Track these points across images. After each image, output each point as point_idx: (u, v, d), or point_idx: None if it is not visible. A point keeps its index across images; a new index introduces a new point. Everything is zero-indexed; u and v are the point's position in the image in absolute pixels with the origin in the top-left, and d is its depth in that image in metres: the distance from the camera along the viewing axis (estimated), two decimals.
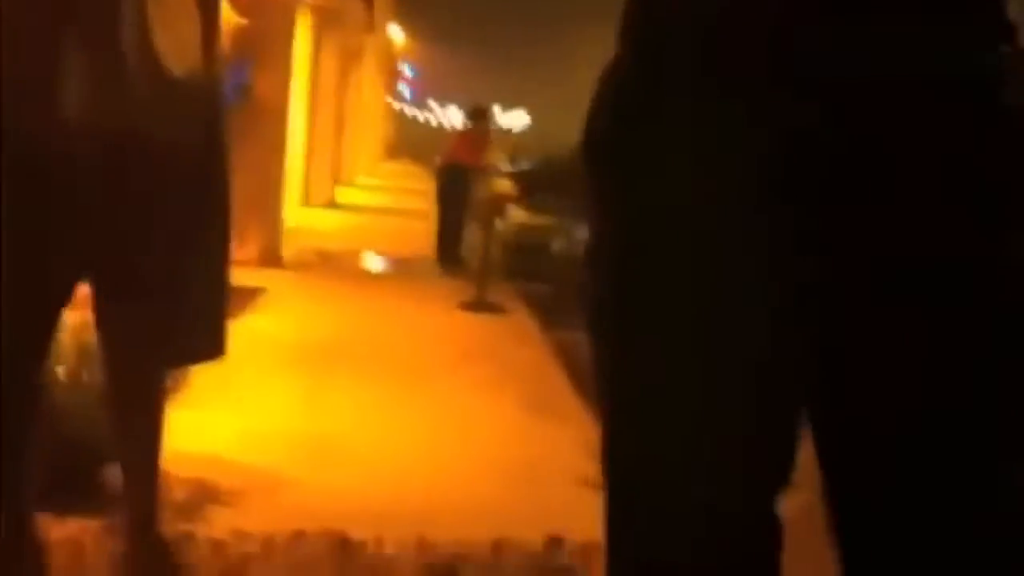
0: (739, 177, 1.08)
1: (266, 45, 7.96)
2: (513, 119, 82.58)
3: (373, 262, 10.44)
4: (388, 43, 29.59)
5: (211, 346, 2.34)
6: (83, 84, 2.12)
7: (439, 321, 7.17)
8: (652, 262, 1.13)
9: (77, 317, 2.64)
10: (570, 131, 1.34)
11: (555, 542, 2.92)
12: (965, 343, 1.05)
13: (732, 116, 1.08)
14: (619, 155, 1.15)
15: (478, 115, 11.24)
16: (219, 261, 2.35)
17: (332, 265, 9.52)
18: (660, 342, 1.13)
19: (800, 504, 1.27)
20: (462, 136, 11.12)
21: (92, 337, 3.07)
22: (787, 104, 1.06)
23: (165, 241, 2.24)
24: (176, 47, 2.21)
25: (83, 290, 2.32)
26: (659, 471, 1.14)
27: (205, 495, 3.17)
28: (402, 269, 10.05)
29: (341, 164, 17.84)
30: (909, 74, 1.05)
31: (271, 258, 8.17)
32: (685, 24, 1.11)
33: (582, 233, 9.81)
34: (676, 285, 1.11)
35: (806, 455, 1.17)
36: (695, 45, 1.10)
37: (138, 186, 2.21)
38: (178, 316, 2.28)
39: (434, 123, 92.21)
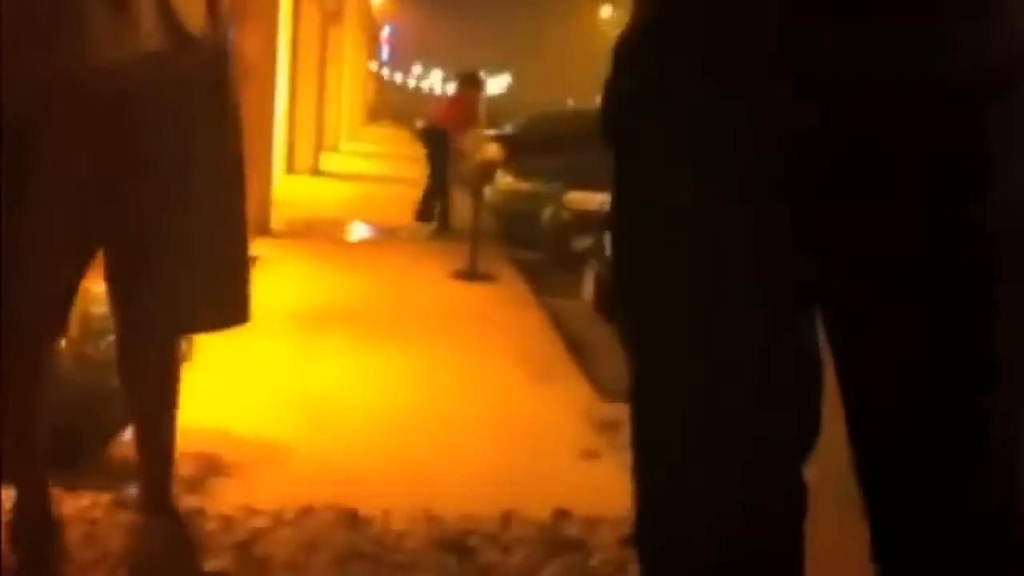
0: (739, 176, 1.10)
1: (249, 5, 7.86)
2: (497, 83, 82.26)
3: (362, 231, 10.41)
4: (368, 4, 29.36)
5: (235, 312, 2.33)
6: (100, 38, 2.10)
7: (433, 289, 7.17)
8: (653, 256, 1.15)
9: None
10: (547, 93, 1.33)
11: (562, 514, 2.93)
12: (964, 336, 1.07)
13: (733, 115, 1.09)
14: (626, 144, 1.17)
15: (470, 82, 11.21)
16: (237, 223, 2.33)
17: (321, 234, 9.48)
18: (666, 333, 1.15)
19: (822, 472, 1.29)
20: (452, 102, 11.08)
21: (96, 308, 3.07)
22: (788, 104, 1.07)
23: (181, 204, 2.23)
24: (185, 5, 2.19)
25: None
26: (686, 439, 1.15)
27: (210, 469, 3.17)
28: (391, 238, 10.03)
29: (324, 129, 17.72)
30: (909, 75, 1.05)
31: (260, 227, 8.14)
32: (689, 22, 1.12)
33: (571, 199, 9.79)
34: (675, 278, 1.13)
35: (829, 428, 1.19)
36: (697, 43, 1.11)
37: (154, 147, 2.19)
38: (199, 280, 2.26)
39: (412, 86, 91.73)
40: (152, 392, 2.38)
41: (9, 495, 2.47)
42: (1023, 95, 1.07)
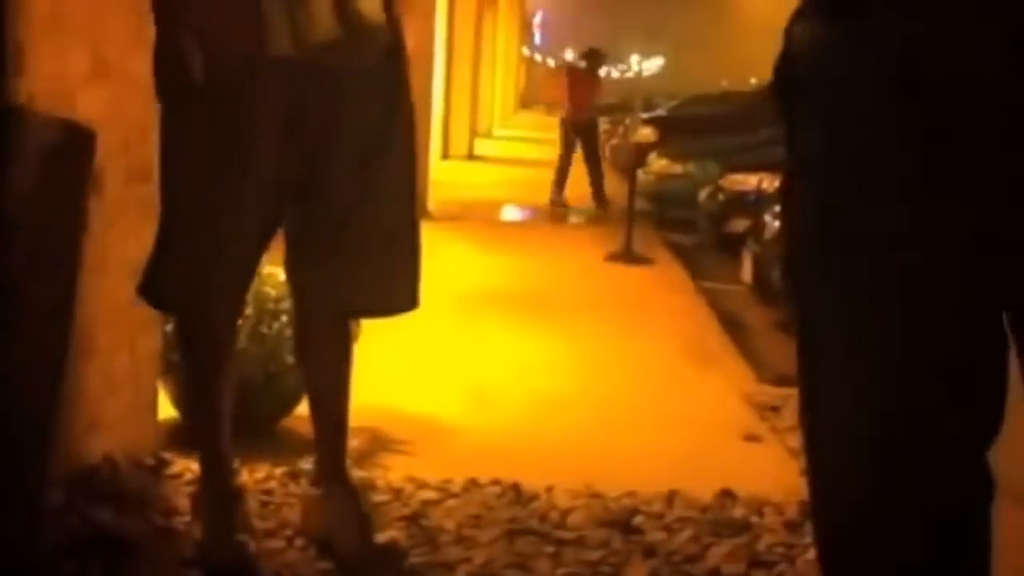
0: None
1: None
2: (650, 66, 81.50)
3: (515, 213, 10.50)
4: None
5: (405, 298, 2.38)
6: (279, 29, 2.16)
7: (589, 272, 7.19)
8: (851, 227, 1.11)
9: None
10: (701, 74, 1.30)
11: (727, 495, 2.91)
12: None
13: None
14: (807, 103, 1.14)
15: (590, 57, 11.33)
16: (410, 210, 2.39)
17: (476, 217, 9.59)
18: (858, 321, 1.12)
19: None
20: (573, 81, 11.19)
21: (270, 288, 3.18)
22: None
23: (360, 191, 2.29)
24: None
25: None
26: (869, 419, 1.13)
27: (379, 443, 3.26)
28: (545, 220, 10.08)
29: (478, 115, 17.89)
30: None
31: (420, 211, 8.28)
32: None
33: (728, 181, 9.67)
34: (875, 258, 1.10)
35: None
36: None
37: (335, 135, 2.26)
38: (372, 266, 2.33)
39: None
40: (327, 370, 2.46)
41: (193, 468, 2.59)
42: None
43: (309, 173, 2.26)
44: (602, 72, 11.83)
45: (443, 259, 6.90)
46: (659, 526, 2.72)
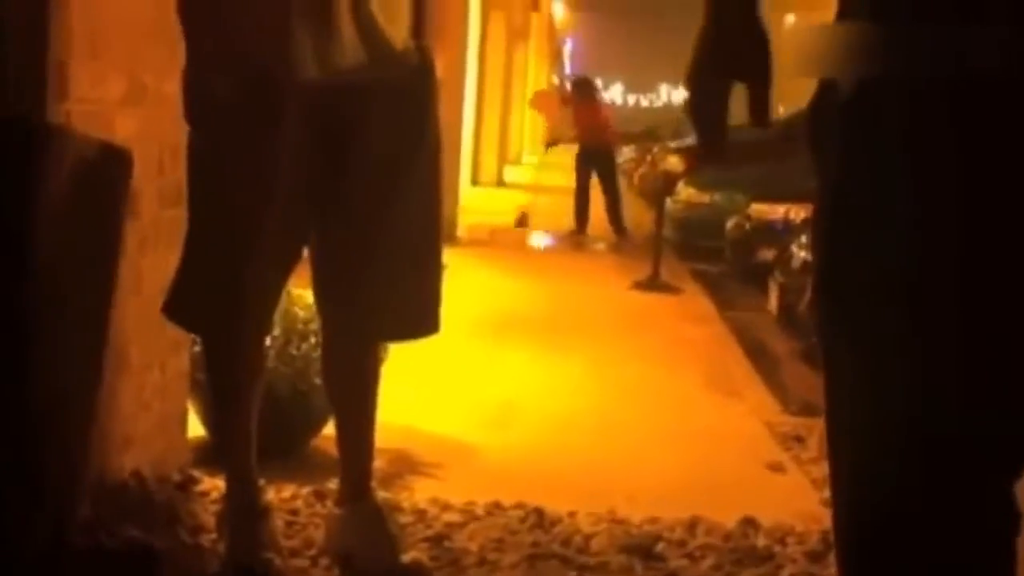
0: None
1: (441, 23, 8.07)
2: (678, 95, 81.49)
3: (542, 240, 10.53)
4: (551, 19, 29.59)
5: (427, 322, 2.41)
6: (302, 53, 2.19)
7: (614, 299, 7.20)
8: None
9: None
10: (733, 100, 1.31)
11: (750, 523, 2.92)
12: None
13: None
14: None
15: (579, 86, 11.41)
16: (433, 235, 2.42)
17: (504, 243, 9.63)
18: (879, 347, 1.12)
19: None
20: (576, 109, 11.26)
21: (297, 310, 3.22)
22: None
23: (384, 214, 2.32)
24: (390, 20, 2.28)
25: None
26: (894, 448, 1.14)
27: (404, 465, 3.28)
28: (572, 247, 10.11)
29: (508, 142, 17.97)
30: None
31: (447, 236, 8.33)
32: None
33: (755, 210, 9.65)
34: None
35: None
36: None
37: (360, 157, 2.29)
38: (396, 291, 2.35)
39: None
40: (354, 391, 2.48)
41: (221, 486, 2.62)
42: None
43: (334, 196, 2.29)
44: (621, 102, 11.93)
45: (470, 284, 6.94)
46: (681, 553, 2.73)
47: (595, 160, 11.00)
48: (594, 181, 10.99)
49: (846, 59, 1.15)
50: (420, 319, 2.41)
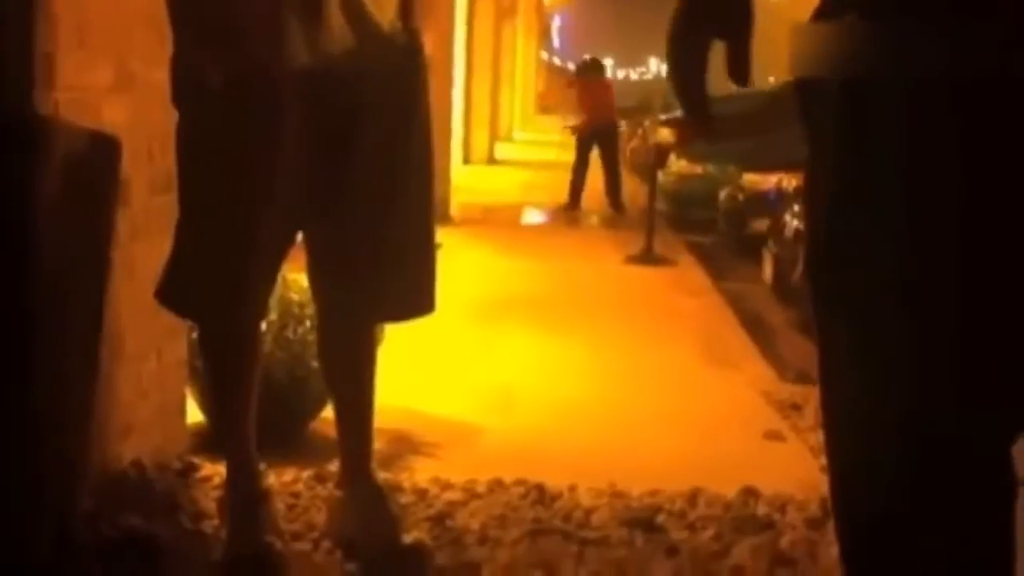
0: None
1: (428, 2, 8.03)
2: (665, 69, 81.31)
3: (535, 217, 10.52)
4: None
5: (423, 302, 2.41)
6: (292, 38, 2.18)
7: (609, 274, 7.21)
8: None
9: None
10: (721, 71, 1.30)
11: (750, 492, 2.93)
12: None
13: None
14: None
15: (586, 67, 11.40)
16: (426, 216, 2.41)
17: (498, 221, 9.63)
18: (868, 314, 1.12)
19: None
20: (581, 89, 11.23)
21: (294, 294, 3.22)
22: None
23: (378, 197, 2.31)
24: (376, 2, 2.26)
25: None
26: (892, 417, 1.14)
27: (403, 445, 3.29)
28: (566, 223, 10.10)
29: (498, 120, 17.94)
30: None
31: (441, 215, 8.33)
32: None
33: (747, 181, 9.68)
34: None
35: None
36: None
37: (352, 141, 2.28)
38: (391, 272, 2.35)
39: None
40: (351, 373, 2.48)
41: (222, 472, 2.62)
42: None
43: (327, 180, 2.28)
44: (611, 77, 11.92)
45: (465, 263, 6.95)
46: (682, 525, 2.74)
47: (600, 138, 10.99)
48: (593, 156, 10.99)
49: (841, 56, 1.13)
50: (416, 299, 2.40)
